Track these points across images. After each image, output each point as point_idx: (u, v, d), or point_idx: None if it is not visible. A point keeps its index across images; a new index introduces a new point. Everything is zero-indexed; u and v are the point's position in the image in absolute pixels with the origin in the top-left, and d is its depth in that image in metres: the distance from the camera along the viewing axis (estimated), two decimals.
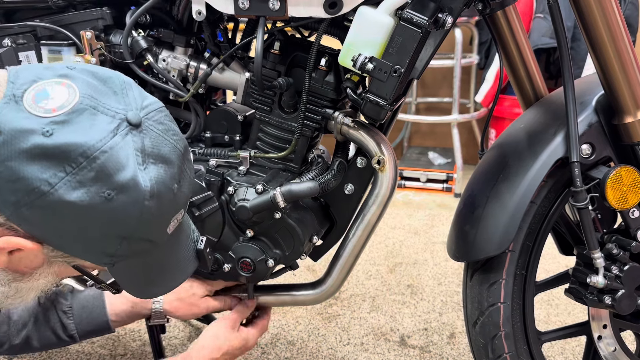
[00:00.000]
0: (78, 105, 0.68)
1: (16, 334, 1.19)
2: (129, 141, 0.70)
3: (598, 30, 0.99)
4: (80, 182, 0.66)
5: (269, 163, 1.14)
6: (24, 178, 0.64)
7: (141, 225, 0.72)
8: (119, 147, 0.69)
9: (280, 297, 1.27)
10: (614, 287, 1.05)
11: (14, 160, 0.64)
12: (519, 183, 1.05)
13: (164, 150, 0.74)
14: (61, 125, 0.66)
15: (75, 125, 0.67)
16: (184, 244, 0.87)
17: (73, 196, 0.66)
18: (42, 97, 0.68)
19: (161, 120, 0.75)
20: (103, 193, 0.67)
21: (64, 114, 0.67)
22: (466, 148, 3.27)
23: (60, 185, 0.65)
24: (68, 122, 0.66)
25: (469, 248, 1.10)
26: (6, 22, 1.18)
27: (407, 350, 1.68)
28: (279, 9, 0.98)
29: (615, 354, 1.20)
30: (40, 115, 0.66)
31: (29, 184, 0.65)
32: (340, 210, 1.17)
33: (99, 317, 1.22)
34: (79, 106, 0.68)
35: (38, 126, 0.65)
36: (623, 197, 1.02)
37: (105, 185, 0.67)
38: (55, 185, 0.65)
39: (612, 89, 1.03)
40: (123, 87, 0.74)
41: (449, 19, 0.93)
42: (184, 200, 0.80)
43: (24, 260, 0.74)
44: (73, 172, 0.66)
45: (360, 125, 1.07)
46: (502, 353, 1.12)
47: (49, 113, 0.66)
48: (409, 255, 2.34)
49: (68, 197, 0.66)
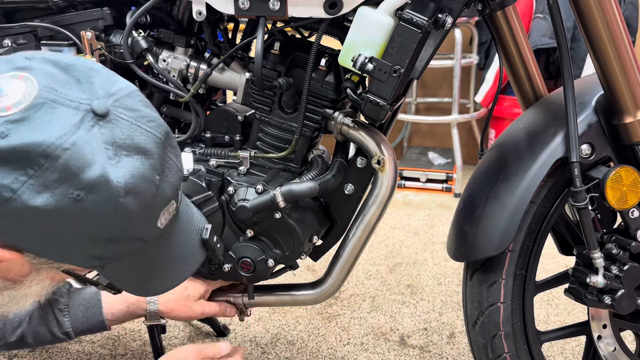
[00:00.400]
0: (36, 100, 0.62)
1: (12, 332, 1.19)
2: (96, 134, 0.64)
3: (598, 31, 0.99)
4: (44, 185, 0.61)
5: (269, 163, 1.14)
6: None
7: (122, 225, 0.67)
8: (84, 141, 0.63)
9: (280, 297, 1.27)
10: (613, 287, 1.06)
11: None
12: (518, 183, 1.05)
13: (139, 139, 0.67)
14: (17, 124, 0.60)
15: (32, 123, 0.61)
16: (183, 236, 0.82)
17: (38, 201, 0.61)
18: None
19: (133, 107, 0.69)
20: (71, 194, 0.62)
21: (21, 111, 0.61)
22: (466, 148, 3.27)
23: (23, 190, 0.60)
24: (25, 120, 0.61)
25: (469, 248, 1.10)
26: (6, 22, 1.18)
27: (407, 350, 1.68)
28: (279, 9, 0.99)
29: (615, 354, 1.20)
30: None
31: None
32: (340, 210, 1.17)
33: (95, 316, 1.22)
34: (37, 101, 0.62)
35: None
36: (623, 197, 1.02)
37: (72, 186, 0.62)
38: (18, 191, 0.60)
39: (611, 89, 1.03)
40: (88, 75, 0.68)
41: (448, 19, 0.93)
42: (172, 191, 0.73)
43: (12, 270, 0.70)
44: (35, 174, 0.60)
45: (360, 125, 1.07)
46: (501, 353, 1.13)
47: (3, 112, 0.61)
48: (409, 255, 2.34)
49: (33, 202, 0.61)
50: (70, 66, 0.68)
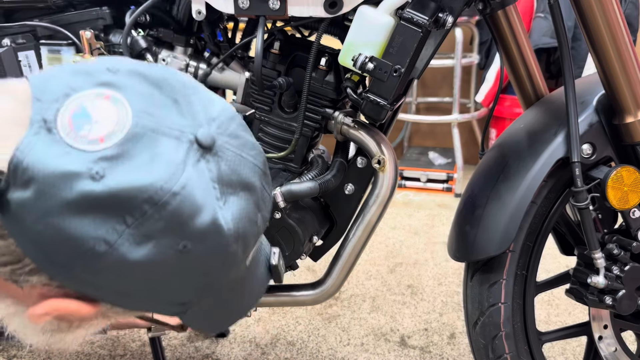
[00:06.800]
0: (132, 129, 0.50)
1: None
2: (203, 171, 0.53)
3: (599, 30, 0.99)
4: (147, 236, 0.50)
5: (269, 163, 1.14)
6: (72, 238, 0.49)
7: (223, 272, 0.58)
8: (193, 182, 0.51)
9: (280, 297, 1.27)
10: (614, 287, 1.05)
11: (56, 216, 0.48)
12: (519, 183, 1.05)
13: (244, 173, 0.57)
14: (114, 163, 0.49)
15: (132, 161, 0.49)
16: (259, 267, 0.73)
17: (139, 254, 0.50)
18: (82, 120, 0.50)
19: (236, 133, 0.57)
20: (177, 245, 0.51)
21: (116, 145, 0.49)
22: (466, 148, 3.27)
23: (121, 242, 0.49)
24: (122, 157, 0.49)
25: (470, 248, 1.09)
26: (6, 21, 1.18)
27: (407, 351, 1.67)
28: (279, 9, 0.98)
29: (616, 355, 1.19)
30: (84, 149, 0.48)
31: (79, 245, 0.49)
32: (340, 210, 1.17)
33: None
34: (133, 130, 0.50)
35: (83, 166, 0.48)
36: (624, 197, 1.02)
37: (179, 236, 0.51)
38: (115, 243, 0.49)
39: (612, 88, 1.03)
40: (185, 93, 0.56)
41: (449, 18, 0.93)
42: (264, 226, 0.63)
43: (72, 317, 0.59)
44: (136, 223, 0.49)
45: (361, 125, 1.07)
46: (502, 353, 1.12)
47: (95, 145, 0.49)
48: (409, 255, 2.33)
49: (132, 256, 0.50)
50: (163, 81, 0.55)
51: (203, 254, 0.53)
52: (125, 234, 0.49)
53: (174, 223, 0.51)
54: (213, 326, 0.71)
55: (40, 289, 0.54)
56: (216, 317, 0.69)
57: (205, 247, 0.53)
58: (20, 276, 0.53)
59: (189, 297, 0.59)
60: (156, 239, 0.51)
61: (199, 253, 0.53)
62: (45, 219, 0.48)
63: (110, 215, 0.49)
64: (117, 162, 0.49)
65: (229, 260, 0.57)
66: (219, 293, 0.63)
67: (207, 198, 0.53)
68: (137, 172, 0.49)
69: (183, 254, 0.52)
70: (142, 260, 0.51)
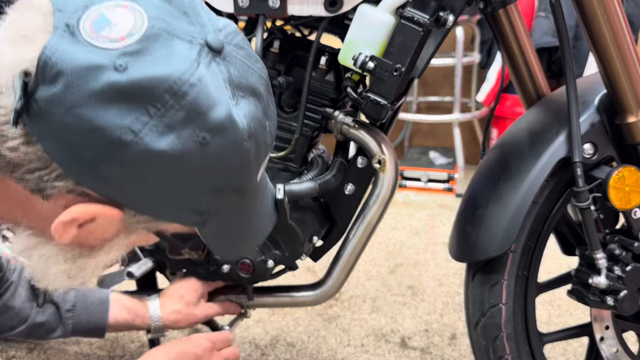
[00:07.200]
0: (149, 30, 0.55)
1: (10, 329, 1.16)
2: (215, 71, 0.57)
3: (600, 29, 0.99)
4: (169, 126, 0.54)
5: (269, 163, 1.13)
6: (99, 127, 0.52)
7: (239, 172, 0.61)
8: (207, 78, 0.56)
9: (280, 298, 1.26)
10: (616, 287, 1.05)
11: (84, 106, 0.52)
12: (520, 183, 1.04)
13: (252, 80, 0.61)
14: (135, 57, 0.53)
15: (152, 55, 0.54)
16: (265, 195, 0.75)
17: (163, 144, 0.54)
18: (103, 24, 0.54)
19: (241, 45, 0.63)
20: (197, 137, 0.55)
21: (136, 42, 0.54)
22: (467, 148, 3.26)
23: (146, 132, 0.53)
24: (142, 52, 0.54)
25: (471, 248, 1.09)
26: None
27: (407, 352, 1.67)
28: (278, 8, 0.98)
29: (618, 355, 1.19)
30: (106, 47, 0.53)
31: (107, 135, 0.52)
32: (340, 210, 1.16)
33: (98, 322, 1.18)
34: (150, 31, 0.55)
35: (107, 60, 0.52)
36: (625, 197, 1.01)
37: (199, 127, 0.55)
38: (140, 133, 0.53)
39: (614, 88, 1.02)
40: (193, 7, 0.61)
41: (450, 17, 0.92)
42: (272, 141, 0.67)
43: (96, 232, 0.62)
44: (159, 113, 0.53)
45: (361, 124, 1.07)
46: (503, 354, 1.12)
47: (117, 43, 0.53)
48: (410, 255, 2.33)
49: (157, 146, 0.54)
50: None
51: (221, 147, 0.57)
52: (149, 124, 0.53)
53: (193, 113, 0.55)
54: (226, 250, 0.75)
55: (66, 198, 0.57)
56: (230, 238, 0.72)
57: (223, 140, 0.57)
58: (47, 182, 0.56)
59: (206, 204, 0.61)
60: (177, 131, 0.54)
61: (217, 146, 0.57)
62: (73, 110, 0.52)
63: (134, 105, 0.53)
64: (138, 56, 0.53)
65: (245, 159, 0.60)
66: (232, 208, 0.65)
67: (221, 94, 0.57)
68: (157, 64, 0.54)
69: (203, 145, 0.56)
70: (166, 150, 0.54)
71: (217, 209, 0.63)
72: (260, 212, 0.75)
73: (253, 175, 0.65)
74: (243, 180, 0.63)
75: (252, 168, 0.63)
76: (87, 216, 0.58)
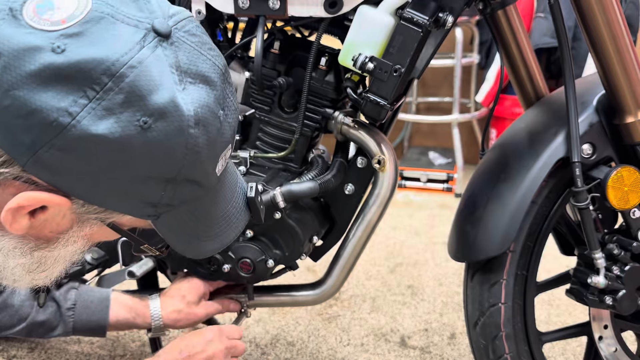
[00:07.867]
0: (92, 14, 0.55)
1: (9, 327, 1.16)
2: (160, 56, 0.57)
3: (599, 30, 0.99)
4: (108, 109, 0.53)
5: (269, 163, 1.14)
6: (37, 110, 0.52)
7: (188, 162, 0.59)
8: (149, 61, 0.55)
9: (280, 297, 1.27)
10: (614, 287, 1.05)
11: (21, 88, 0.52)
12: (519, 183, 1.05)
13: (203, 67, 0.60)
14: (75, 39, 0.53)
15: (91, 37, 0.54)
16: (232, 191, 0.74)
17: (101, 127, 0.53)
18: (46, 8, 0.54)
19: (193, 31, 0.62)
20: (137, 121, 0.54)
21: (77, 24, 0.54)
22: (467, 148, 3.26)
23: (83, 115, 0.52)
24: (83, 34, 0.53)
25: (470, 248, 1.09)
26: None
27: (407, 351, 1.67)
28: (279, 8, 0.98)
29: (616, 355, 1.19)
30: (46, 29, 0.53)
31: (44, 117, 0.52)
32: (340, 210, 1.17)
33: (99, 321, 1.18)
34: (93, 14, 0.55)
35: (46, 42, 0.52)
36: (624, 197, 1.01)
37: (139, 111, 0.54)
38: (78, 116, 0.52)
39: (613, 88, 1.03)
40: None
41: (449, 18, 0.93)
42: (230, 133, 0.66)
43: (50, 223, 0.61)
44: (97, 96, 0.53)
45: (361, 125, 1.07)
46: (502, 354, 1.12)
47: (58, 25, 0.53)
48: (410, 255, 2.33)
49: (95, 130, 0.53)
50: None
51: (164, 133, 0.56)
52: (87, 107, 0.53)
53: (132, 96, 0.54)
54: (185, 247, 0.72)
55: (13, 186, 0.57)
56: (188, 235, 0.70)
57: (166, 125, 0.56)
58: None
59: (158, 196, 0.60)
60: (117, 114, 0.54)
61: (159, 131, 0.56)
62: (10, 92, 0.51)
63: (72, 87, 0.52)
64: (78, 38, 0.53)
65: (191, 147, 0.58)
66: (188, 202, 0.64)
67: (165, 78, 0.56)
68: (96, 46, 0.53)
69: (144, 130, 0.55)
70: (105, 134, 0.53)
71: (171, 201, 0.62)
72: (226, 209, 0.73)
73: (209, 167, 0.63)
74: (196, 172, 0.62)
75: (205, 159, 0.62)
76: (34, 203, 0.57)
